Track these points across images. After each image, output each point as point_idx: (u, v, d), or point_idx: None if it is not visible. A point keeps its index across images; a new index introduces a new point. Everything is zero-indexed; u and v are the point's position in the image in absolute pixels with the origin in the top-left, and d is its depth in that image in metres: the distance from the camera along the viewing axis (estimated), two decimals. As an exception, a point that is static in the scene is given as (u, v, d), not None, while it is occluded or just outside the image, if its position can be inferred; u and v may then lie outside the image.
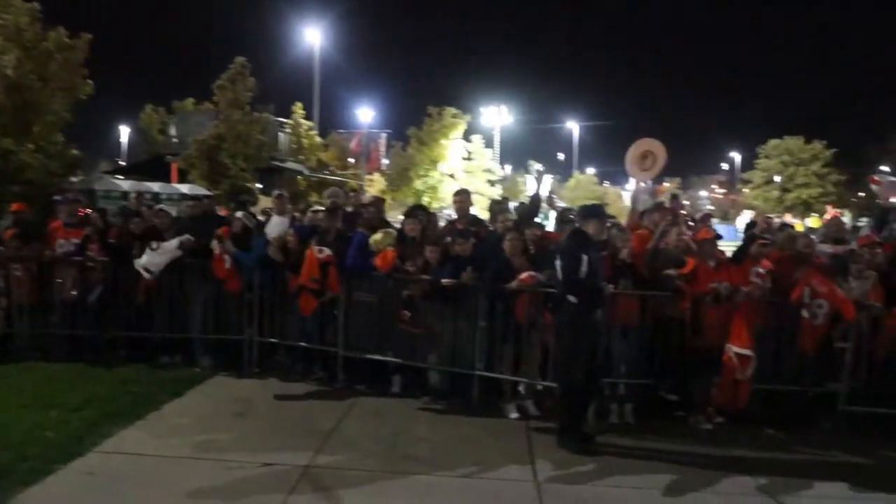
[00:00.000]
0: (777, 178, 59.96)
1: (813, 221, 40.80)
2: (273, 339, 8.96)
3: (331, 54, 58.88)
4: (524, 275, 7.49)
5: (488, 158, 47.78)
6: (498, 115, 41.74)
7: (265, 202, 20.46)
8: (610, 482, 5.98)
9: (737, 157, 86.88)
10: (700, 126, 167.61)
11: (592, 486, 5.89)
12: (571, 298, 6.55)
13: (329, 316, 8.52)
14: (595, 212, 7.09)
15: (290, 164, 45.70)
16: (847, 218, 44.25)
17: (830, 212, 41.25)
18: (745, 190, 68.48)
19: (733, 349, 7.18)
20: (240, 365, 8.90)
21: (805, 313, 7.47)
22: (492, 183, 47.06)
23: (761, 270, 7.73)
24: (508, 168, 67.73)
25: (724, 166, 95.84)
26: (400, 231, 8.57)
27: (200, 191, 28.85)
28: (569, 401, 6.80)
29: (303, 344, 8.72)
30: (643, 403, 7.65)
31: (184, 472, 5.80)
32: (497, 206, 9.81)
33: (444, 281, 7.72)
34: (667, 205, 9.01)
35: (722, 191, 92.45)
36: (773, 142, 60.70)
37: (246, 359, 8.93)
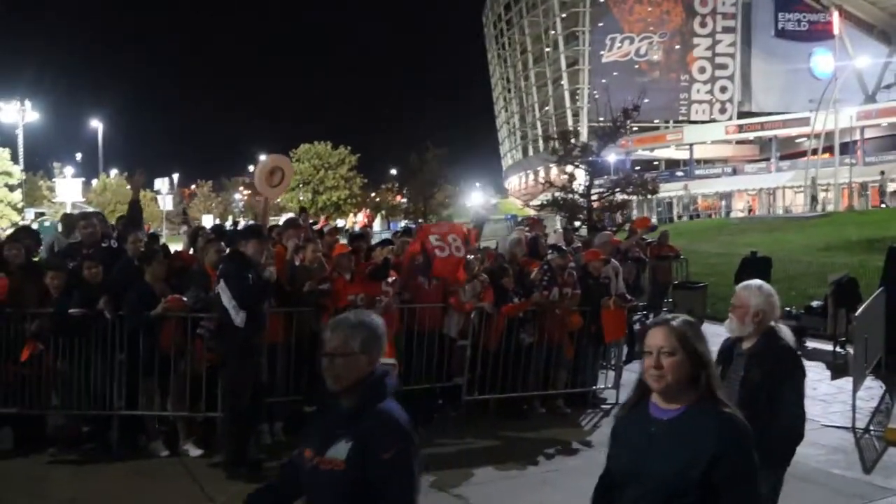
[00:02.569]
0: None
1: (348, 222, 43.90)
2: None
3: None
4: (169, 298, 6.91)
5: (6, 160, 42.39)
6: (21, 112, 37.10)
7: None
8: None
9: (259, 162, 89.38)
10: (230, 129, 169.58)
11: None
12: (238, 322, 6.26)
13: None
14: (254, 232, 6.85)
15: None
16: (378, 221, 48.96)
17: (366, 213, 45.22)
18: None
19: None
20: None
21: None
22: (10, 188, 41.94)
23: (391, 280, 8.23)
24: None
25: (251, 168, 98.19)
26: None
27: None
28: (236, 429, 6.49)
29: None
30: (293, 420, 7.62)
31: None
32: (123, 228, 8.77)
33: (73, 311, 6.75)
34: (301, 221, 9.06)
35: (248, 192, 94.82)
36: (305, 146, 64.08)
37: None
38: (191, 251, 8.80)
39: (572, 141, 19.25)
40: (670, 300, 14.90)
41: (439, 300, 8.37)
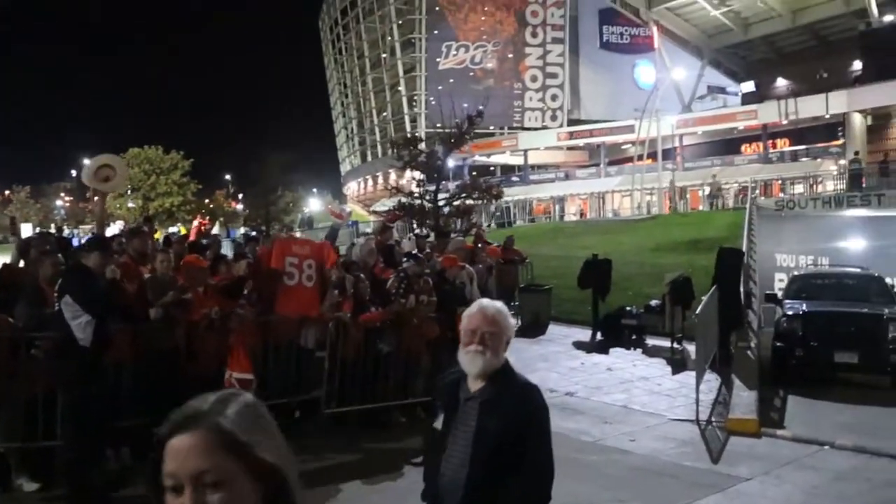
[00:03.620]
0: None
1: (181, 230, 42.13)
2: None
3: None
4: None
5: None
6: None
7: None
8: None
9: (88, 163, 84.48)
10: (51, 131, 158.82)
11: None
12: (84, 340, 5.75)
13: None
14: (98, 244, 6.31)
15: None
16: (217, 228, 47.15)
17: (202, 220, 43.38)
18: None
19: (234, 375, 7.17)
20: None
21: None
22: None
23: (246, 289, 7.88)
24: None
25: (74, 172, 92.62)
26: None
27: None
28: (78, 457, 5.95)
29: None
30: (141, 443, 7.09)
31: None
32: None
33: None
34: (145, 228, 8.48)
35: (70, 198, 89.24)
36: (134, 150, 60.93)
37: None
38: (21, 264, 7.99)
39: (419, 147, 19.35)
40: (517, 303, 15.21)
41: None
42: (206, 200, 70.75)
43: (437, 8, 70.96)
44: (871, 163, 36.83)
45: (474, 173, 49.62)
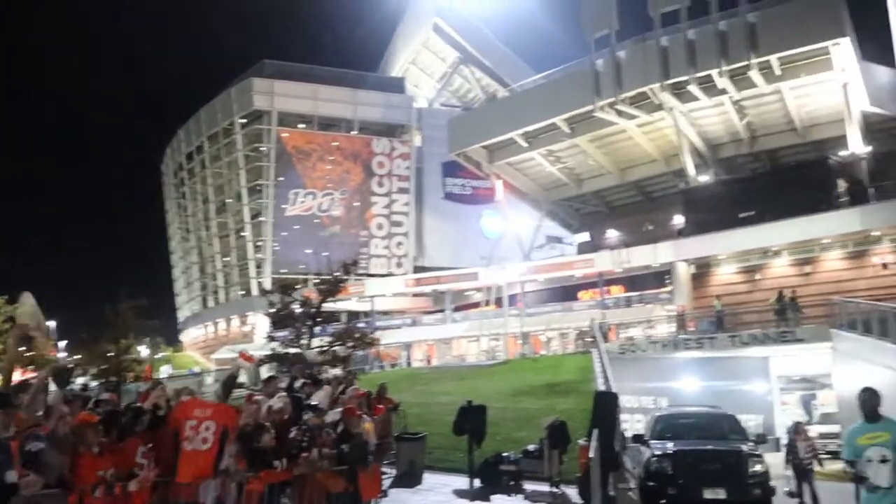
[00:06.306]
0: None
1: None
2: None
3: None
4: None
5: None
6: None
7: None
8: None
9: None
10: None
11: None
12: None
13: None
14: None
15: None
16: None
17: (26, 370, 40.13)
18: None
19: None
20: None
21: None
22: None
23: (144, 449, 7.50)
24: None
25: None
26: None
27: None
28: None
29: None
30: None
31: None
32: None
33: None
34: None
35: None
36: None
37: None
38: None
39: (293, 294, 19.28)
40: (393, 451, 15.07)
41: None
42: (22, 349, 65.67)
43: (286, 156, 72.19)
44: (697, 308, 40.00)
45: (319, 320, 49.20)
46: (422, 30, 77.47)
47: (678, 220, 45.76)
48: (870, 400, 6.97)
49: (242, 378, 12.47)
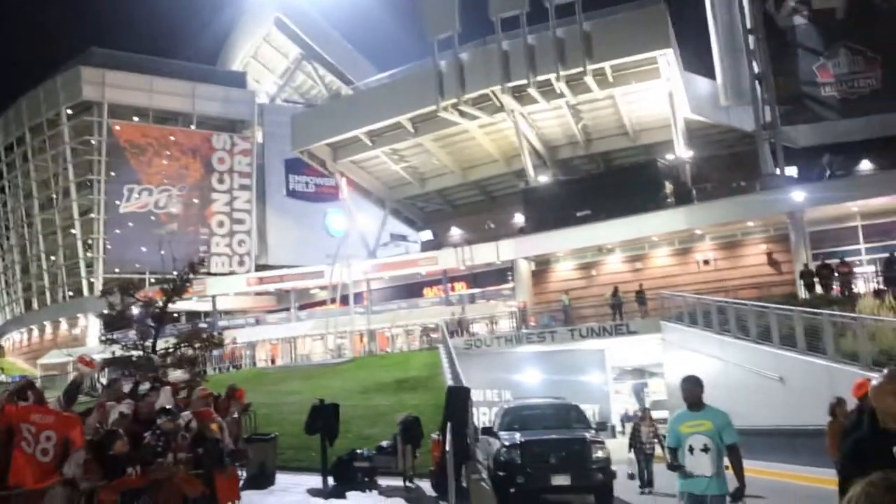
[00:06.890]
0: None
1: None
2: None
3: None
4: None
5: None
6: None
7: None
8: None
9: None
10: None
11: None
12: None
13: None
14: None
15: None
16: None
17: None
18: None
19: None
20: None
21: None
22: None
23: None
24: None
25: None
26: None
27: None
28: None
29: None
30: None
31: None
32: None
33: None
34: None
35: None
36: None
37: None
38: None
39: (135, 294, 18.44)
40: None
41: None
42: None
43: (119, 150, 68.62)
44: (538, 303, 41.62)
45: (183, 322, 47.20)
46: (263, 24, 75.93)
47: (519, 218, 47.31)
48: (692, 388, 6.98)
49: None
